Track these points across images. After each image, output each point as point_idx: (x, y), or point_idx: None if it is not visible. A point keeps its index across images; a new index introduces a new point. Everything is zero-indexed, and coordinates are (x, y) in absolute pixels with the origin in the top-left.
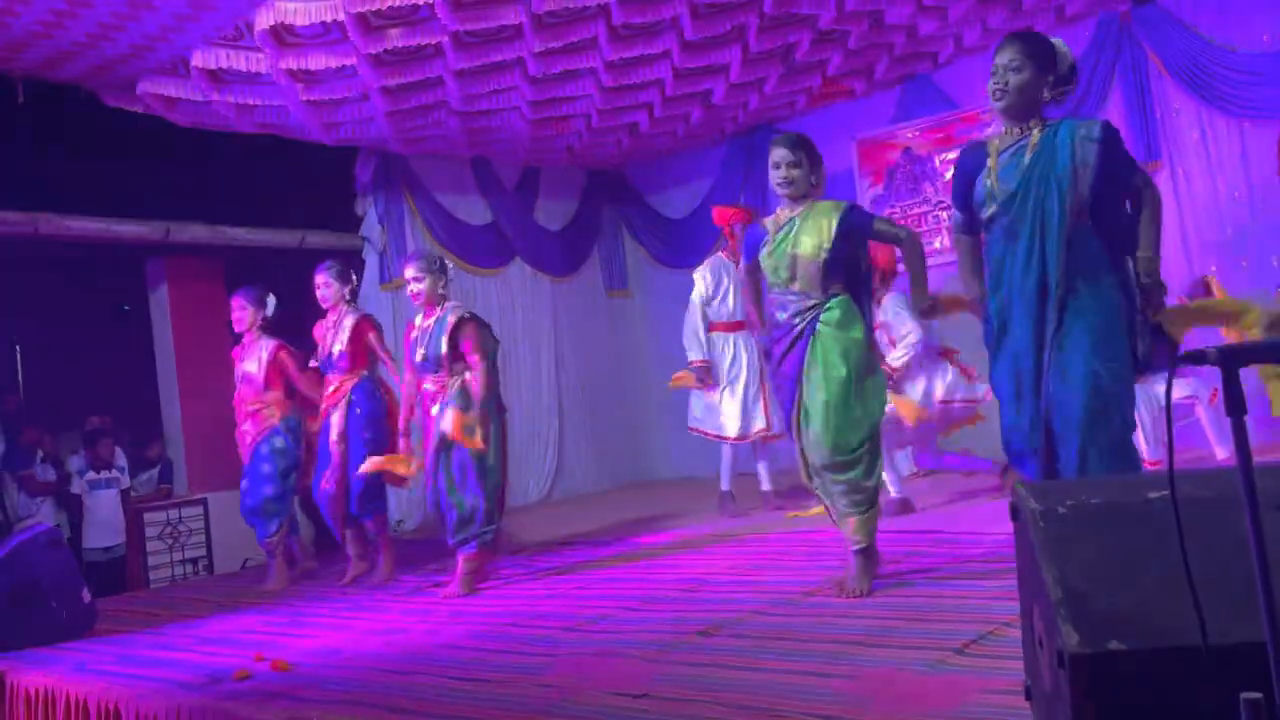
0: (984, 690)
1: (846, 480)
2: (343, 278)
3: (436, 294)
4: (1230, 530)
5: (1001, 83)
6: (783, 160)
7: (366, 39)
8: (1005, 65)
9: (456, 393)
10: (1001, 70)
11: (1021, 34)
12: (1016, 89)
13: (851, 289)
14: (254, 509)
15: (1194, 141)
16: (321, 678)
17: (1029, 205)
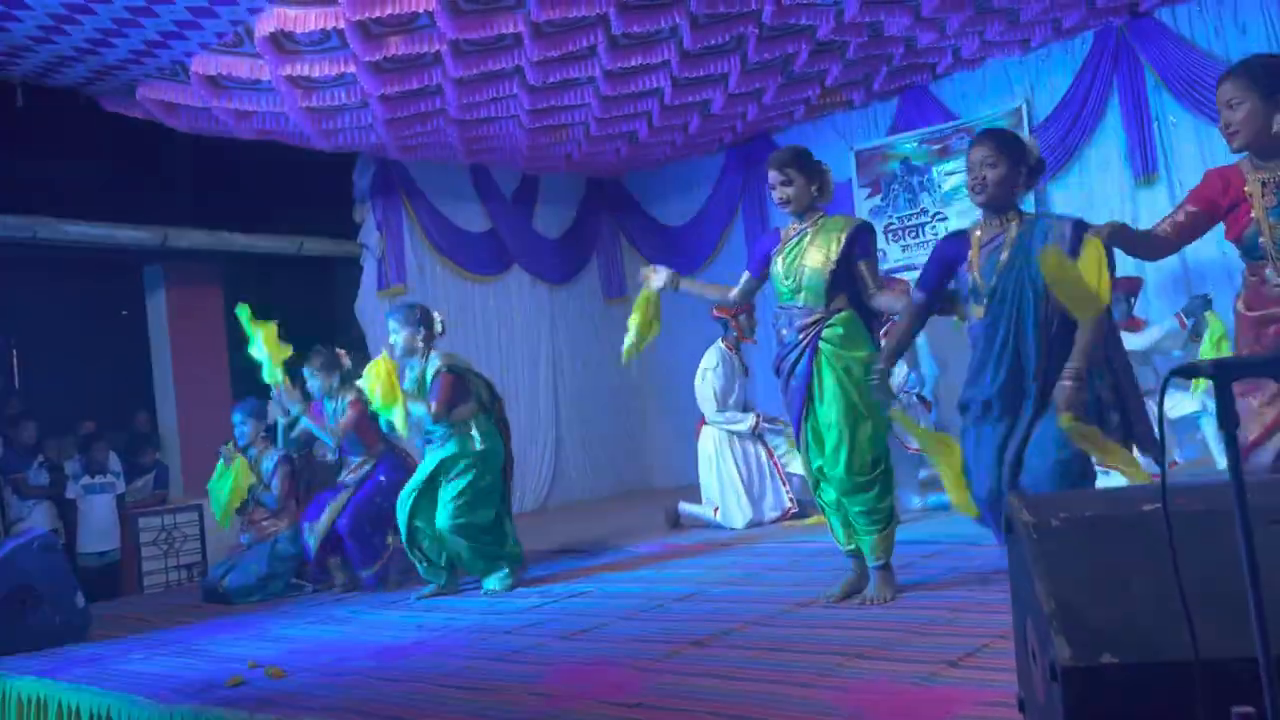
0: (976, 703)
1: (863, 502)
2: (329, 366)
3: (415, 345)
4: (1223, 544)
5: (979, 178)
6: (775, 181)
7: (366, 46)
8: (980, 161)
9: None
10: (977, 166)
11: (992, 132)
12: (994, 184)
13: (856, 305)
14: (245, 588)
15: (1191, 154)
16: (315, 685)
17: (1006, 304)
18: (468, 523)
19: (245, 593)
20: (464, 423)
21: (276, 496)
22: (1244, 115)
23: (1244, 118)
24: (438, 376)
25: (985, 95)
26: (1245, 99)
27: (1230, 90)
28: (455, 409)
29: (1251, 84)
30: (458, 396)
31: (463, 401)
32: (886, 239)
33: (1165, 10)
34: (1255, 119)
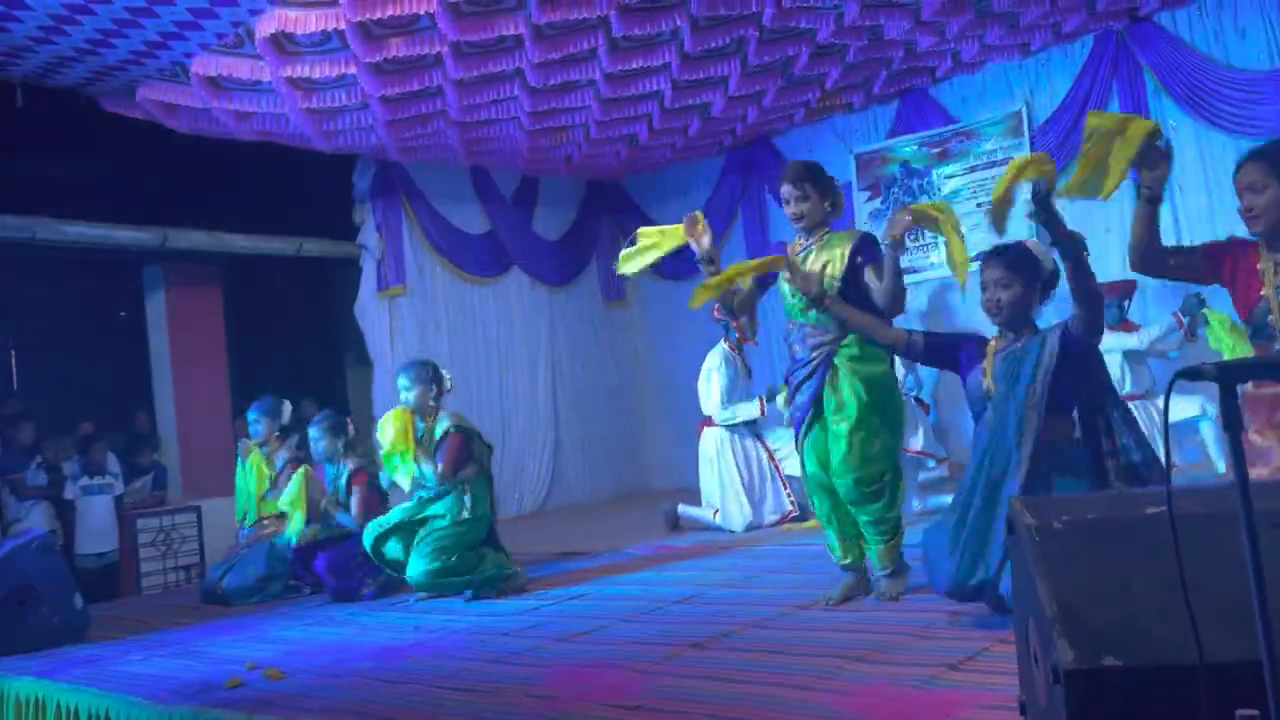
0: (978, 706)
1: (872, 512)
2: (337, 430)
3: (428, 405)
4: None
5: (994, 300)
6: (790, 196)
7: (367, 48)
8: (995, 282)
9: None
10: (992, 287)
11: (1003, 250)
12: (1009, 305)
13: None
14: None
15: (1191, 159)
16: (313, 687)
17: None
18: (440, 581)
19: (243, 594)
20: (461, 483)
21: (354, 516)
22: (1268, 200)
23: (1268, 203)
24: (446, 437)
25: (985, 99)
26: (1270, 184)
27: (1254, 173)
28: (461, 469)
29: (1273, 168)
30: (465, 458)
31: (468, 463)
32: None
33: (1165, 14)
34: (1276, 207)
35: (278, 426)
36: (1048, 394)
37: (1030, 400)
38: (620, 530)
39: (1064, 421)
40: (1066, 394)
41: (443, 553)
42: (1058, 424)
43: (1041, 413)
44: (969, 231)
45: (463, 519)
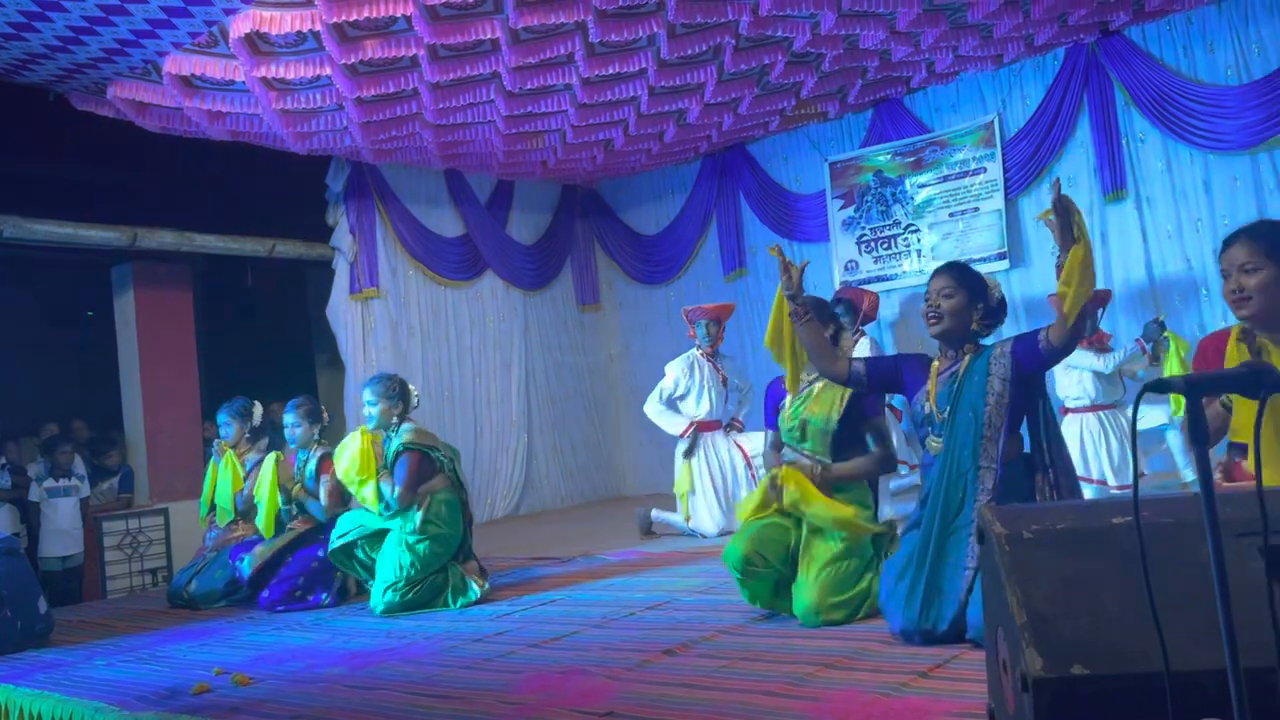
0: (947, 714)
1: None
2: (314, 417)
3: (390, 421)
4: (1192, 556)
5: (934, 308)
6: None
7: (342, 49)
8: (937, 291)
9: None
10: (934, 295)
11: (953, 264)
12: (950, 313)
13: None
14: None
15: (1159, 171)
16: (282, 693)
17: (957, 432)
18: (399, 615)
19: (211, 598)
20: (417, 499)
21: (323, 506)
22: (1259, 283)
23: (1259, 285)
24: (400, 456)
25: (959, 109)
26: (1263, 266)
27: (1244, 254)
28: (418, 487)
29: (1269, 250)
30: (423, 476)
31: (429, 479)
32: (859, 250)
33: (1135, 29)
34: (1270, 290)
35: (248, 429)
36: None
37: (988, 434)
38: (593, 535)
39: (1015, 440)
40: (1019, 415)
41: (401, 580)
42: (1010, 444)
43: (1001, 446)
44: (940, 241)
45: (418, 535)
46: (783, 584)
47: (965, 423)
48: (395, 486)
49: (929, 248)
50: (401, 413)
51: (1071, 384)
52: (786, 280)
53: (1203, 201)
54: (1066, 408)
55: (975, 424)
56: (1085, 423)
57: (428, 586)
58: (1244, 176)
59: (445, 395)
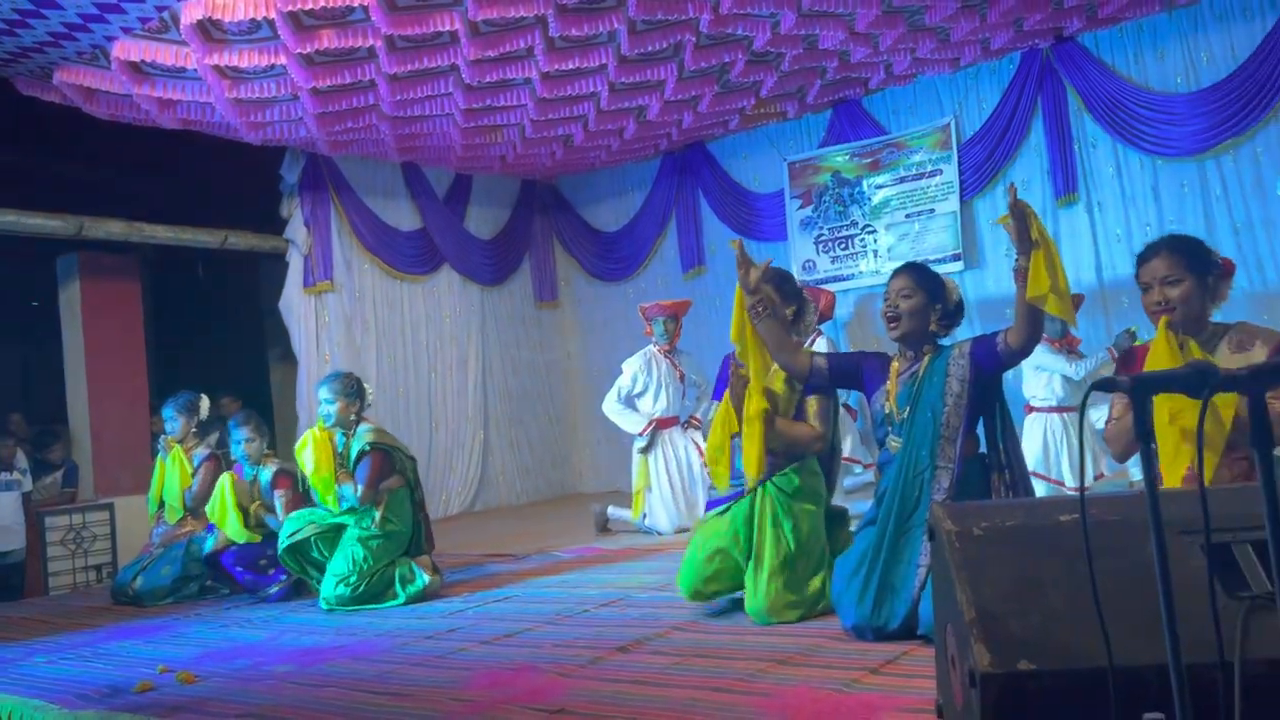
0: (896, 709)
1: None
2: (263, 430)
3: (348, 419)
4: (1137, 554)
5: (893, 308)
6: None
7: (297, 38)
8: (896, 292)
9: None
10: (893, 296)
11: (912, 265)
12: (908, 314)
13: (824, 459)
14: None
15: (1109, 176)
16: (228, 690)
17: (915, 432)
18: (348, 608)
19: (157, 595)
20: (386, 493)
21: (280, 521)
22: (1181, 294)
23: (1181, 296)
24: (364, 456)
25: (916, 111)
26: (1184, 277)
27: (1165, 267)
28: (382, 484)
29: (1189, 263)
30: (384, 474)
31: (388, 477)
32: (817, 250)
33: (1088, 35)
34: (1192, 299)
35: (195, 423)
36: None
37: (946, 434)
38: (548, 532)
39: (972, 440)
40: (977, 415)
41: (354, 573)
42: (967, 444)
43: (959, 446)
44: (896, 241)
45: (374, 532)
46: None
47: (924, 423)
48: (358, 486)
49: (885, 248)
50: (358, 411)
51: (1040, 385)
52: (744, 276)
53: (1151, 206)
54: (1032, 406)
55: (934, 424)
56: (1049, 423)
57: (378, 579)
58: (1191, 182)
59: (400, 390)
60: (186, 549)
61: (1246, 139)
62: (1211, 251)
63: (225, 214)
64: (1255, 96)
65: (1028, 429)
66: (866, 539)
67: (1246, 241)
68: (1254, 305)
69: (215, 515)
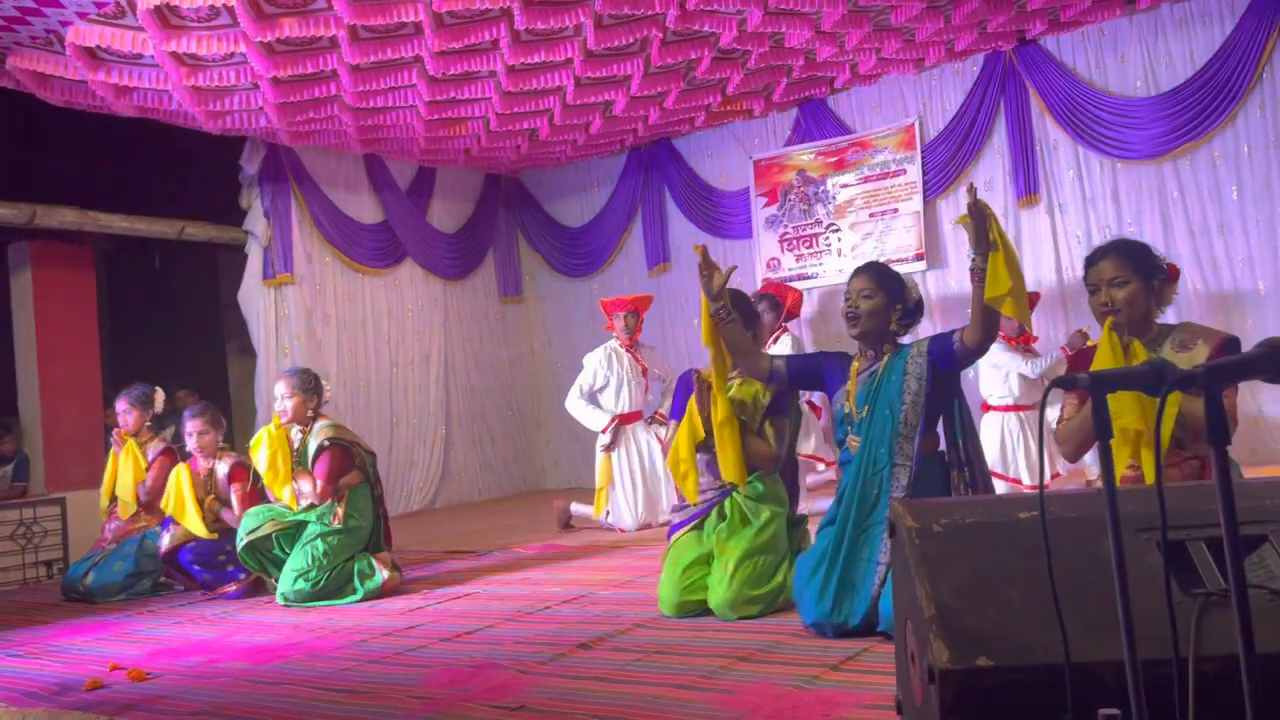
0: (856, 705)
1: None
2: (218, 423)
3: (305, 415)
4: (1094, 551)
5: (854, 308)
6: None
7: (258, 26)
8: (857, 292)
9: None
10: (854, 296)
11: (872, 265)
12: (868, 314)
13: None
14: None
15: (1070, 178)
16: (181, 688)
17: (874, 430)
18: (307, 604)
19: (109, 591)
20: (346, 489)
21: (236, 516)
22: (1127, 295)
23: (1127, 297)
24: (322, 452)
25: (881, 111)
26: (1130, 280)
27: (1113, 269)
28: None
29: (1135, 266)
30: (343, 470)
31: (347, 472)
32: (781, 248)
33: (1050, 39)
34: (1137, 301)
35: (149, 416)
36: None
37: (904, 431)
38: (510, 529)
39: (931, 438)
40: (935, 413)
41: (313, 569)
42: (925, 441)
43: (917, 443)
44: (860, 241)
45: (334, 528)
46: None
47: (882, 420)
48: (317, 482)
49: (849, 247)
50: (316, 406)
51: (997, 382)
52: (706, 283)
53: (1111, 209)
54: (989, 405)
55: (892, 422)
56: (1005, 421)
57: (337, 575)
58: (1150, 186)
59: (361, 385)
60: (140, 545)
61: (1204, 143)
62: (1158, 256)
63: (183, 204)
64: (1213, 101)
65: (984, 428)
66: (827, 538)
67: (1202, 244)
68: (1209, 306)
69: (173, 509)
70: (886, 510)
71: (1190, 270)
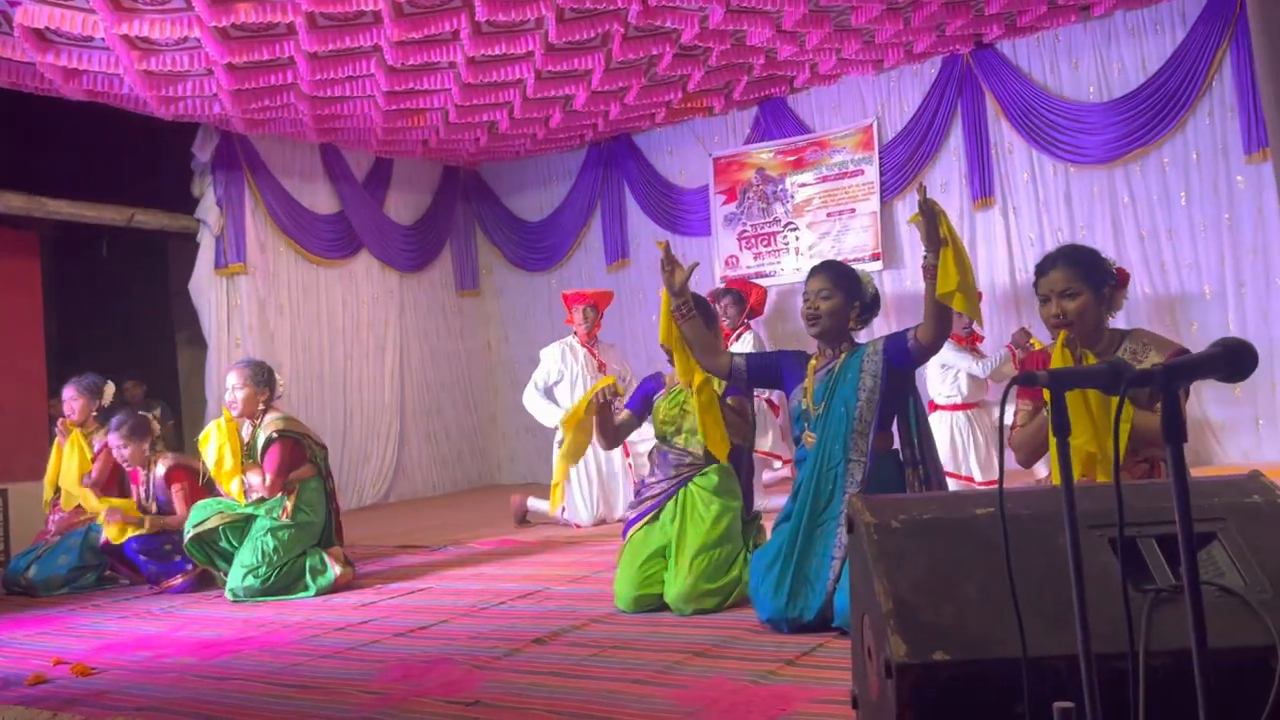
0: (812, 700)
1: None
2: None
3: (256, 408)
4: (1050, 547)
5: (814, 309)
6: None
7: (213, 10)
8: (815, 293)
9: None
10: (812, 297)
11: (829, 265)
12: (828, 314)
13: (734, 459)
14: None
15: (1024, 181)
16: (126, 684)
17: (830, 426)
18: (260, 593)
19: (52, 585)
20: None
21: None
22: (1078, 307)
23: (1078, 309)
24: (271, 444)
25: (840, 111)
26: (1081, 290)
27: (1063, 280)
28: (292, 472)
29: (1085, 276)
30: (294, 463)
31: (298, 465)
32: (740, 246)
33: (1007, 43)
34: (1089, 312)
35: (96, 407)
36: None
37: (859, 428)
38: (465, 524)
39: (885, 435)
40: (890, 411)
41: (263, 565)
42: (880, 439)
43: (871, 440)
44: (818, 240)
45: (284, 523)
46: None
47: (838, 417)
48: (266, 475)
49: (807, 246)
50: (268, 400)
51: (946, 382)
52: (668, 278)
53: (1064, 212)
54: (936, 404)
55: (847, 418)
56: (955, 420)
57: (288, 570)
58: (1102, 190)
59: (314, 377)
60: (84, 538)
61: (1154, 149)
62: (1107, 261)
63: (132, 191)
64: (1164, 108)
65: (934, 428)
66: (783, 534)
67: (1151, 248)
68: (1157, 310)
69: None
70: (841, 506)
71: (1139, 274)
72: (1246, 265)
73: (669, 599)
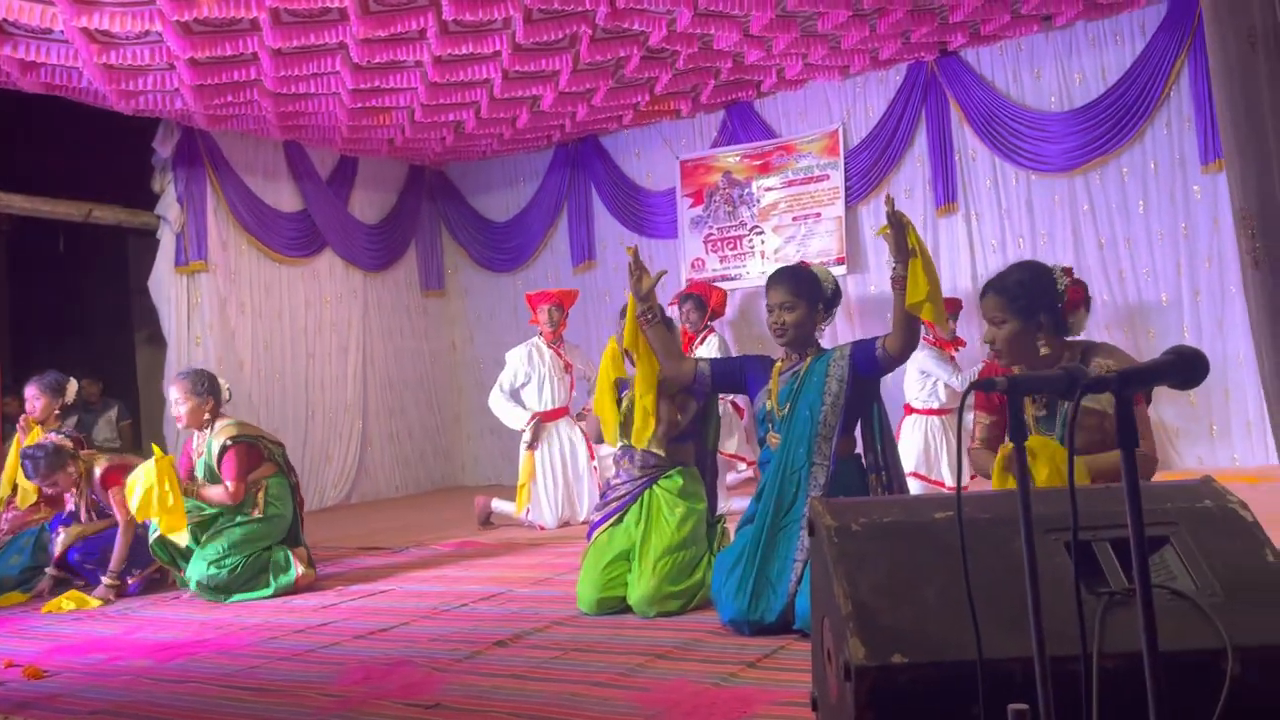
0: (772, 702)
1: (663, 612)
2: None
3: (201, 419)
4: (1006, 550)
5: (779, 322)
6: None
7: (175, 4)
8: (779, 305)
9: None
10: (777, 310)
11: (788, 272)
12: (794, 326)
13: (700, 461)
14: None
15: (987, 188)
16: (81, 686)
17: (794, 428)
18: (217, 594)
19: (4, 585)
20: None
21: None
22: (1005, 335)
23: (1005, 337)
24: (226, 451)
25: (806, 116)
26: (1007, 319)
27: (993, 308)
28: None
29: (1011, 305)
30: (252, 465)
31: (256, 467)
32: (706, 249)
33: (971, 51)
34: (1017, 340)
35: (58, 405)
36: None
37: (823, 431)
38: (428, 525)
39: (848, 440)
40: (854, 416)
41: (228, 555)
42: (843, 443)
43: (835, 444)
44: (783, 244)
45: (254, 518)
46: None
47: (802, 420)
48: (228, 483)
49: (772, 250)
50: (213, 408)
51: (924, 389)
52: (635, 284)
53: (1025, 219)
54: (911, 408)
55: (811, 422)
56: (929, 424)
57: (254, 562)
58: (1062, 197)
59: (275, 376)
60: (37, 538)
61: (1113, 158)
62: (1056, 282)
63: (91, 186)
64: (1123, 118)
65: (907, 429)
66: (745, 536)
67: (1110, 256)
68: (1115, 315)
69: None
70: (804, 509)
71: (1098, 281)
72: (1202, 274)
73: (632, 601)
